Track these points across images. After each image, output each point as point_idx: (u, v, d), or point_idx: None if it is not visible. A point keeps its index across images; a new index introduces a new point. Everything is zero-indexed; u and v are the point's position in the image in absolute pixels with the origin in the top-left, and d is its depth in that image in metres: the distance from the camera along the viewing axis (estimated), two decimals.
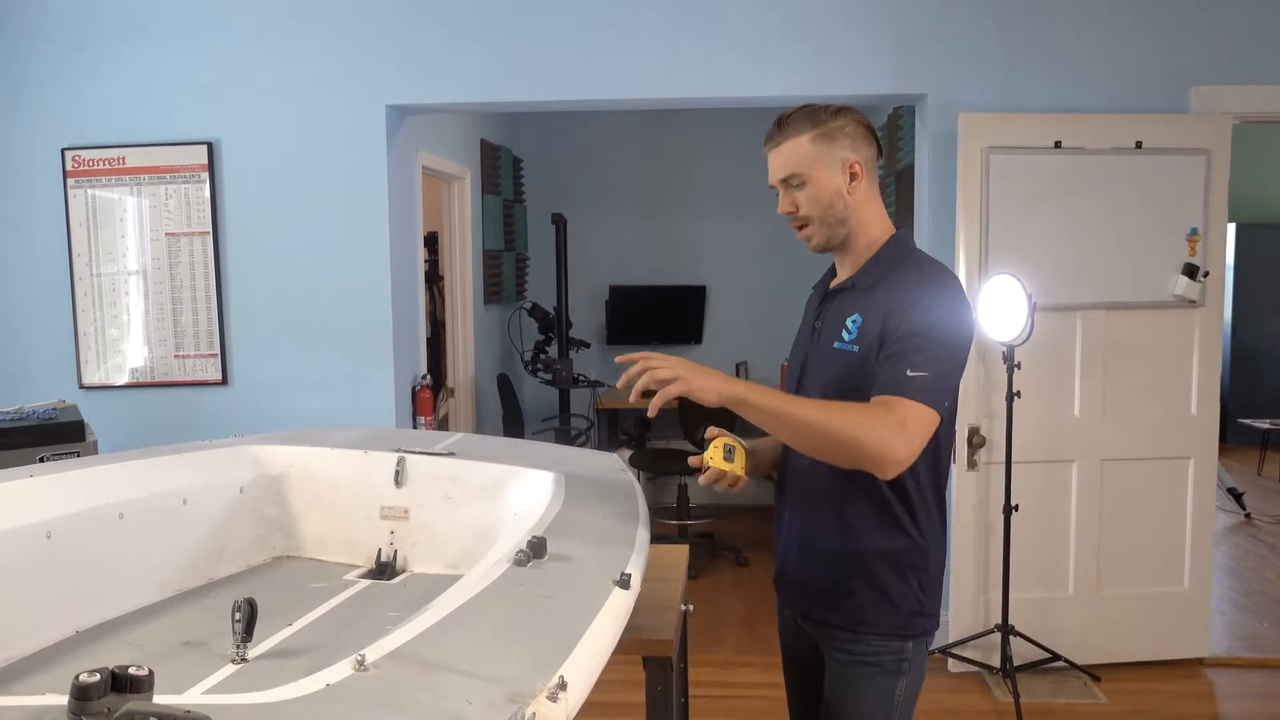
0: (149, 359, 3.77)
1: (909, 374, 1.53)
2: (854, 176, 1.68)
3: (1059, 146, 3.48)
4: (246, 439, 2.10)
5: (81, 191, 3.72)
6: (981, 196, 3.49)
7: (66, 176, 3.71)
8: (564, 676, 0.93)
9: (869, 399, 1.56)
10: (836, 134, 1.67)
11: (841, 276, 1.77)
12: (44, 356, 3.79)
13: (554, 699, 0.89)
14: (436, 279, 5.22)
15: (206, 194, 3.70)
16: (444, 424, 4.80)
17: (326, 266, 3.71)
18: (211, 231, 3.71)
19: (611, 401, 5.83)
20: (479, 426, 5.28)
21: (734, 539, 5.29)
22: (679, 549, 2.21)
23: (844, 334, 1.68)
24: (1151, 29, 3.56)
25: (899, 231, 1.75)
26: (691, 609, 1.94)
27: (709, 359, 6.08)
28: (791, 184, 1.69)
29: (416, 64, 3.66)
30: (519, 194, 6.14)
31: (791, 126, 1.68)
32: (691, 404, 1.55)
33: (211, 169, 3.69)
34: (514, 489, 1.84)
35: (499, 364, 5.88)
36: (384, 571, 1.88)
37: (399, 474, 1.94)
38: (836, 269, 1.81)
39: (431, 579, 1.83)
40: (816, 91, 3.46)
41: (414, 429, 3.86)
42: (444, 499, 1.91)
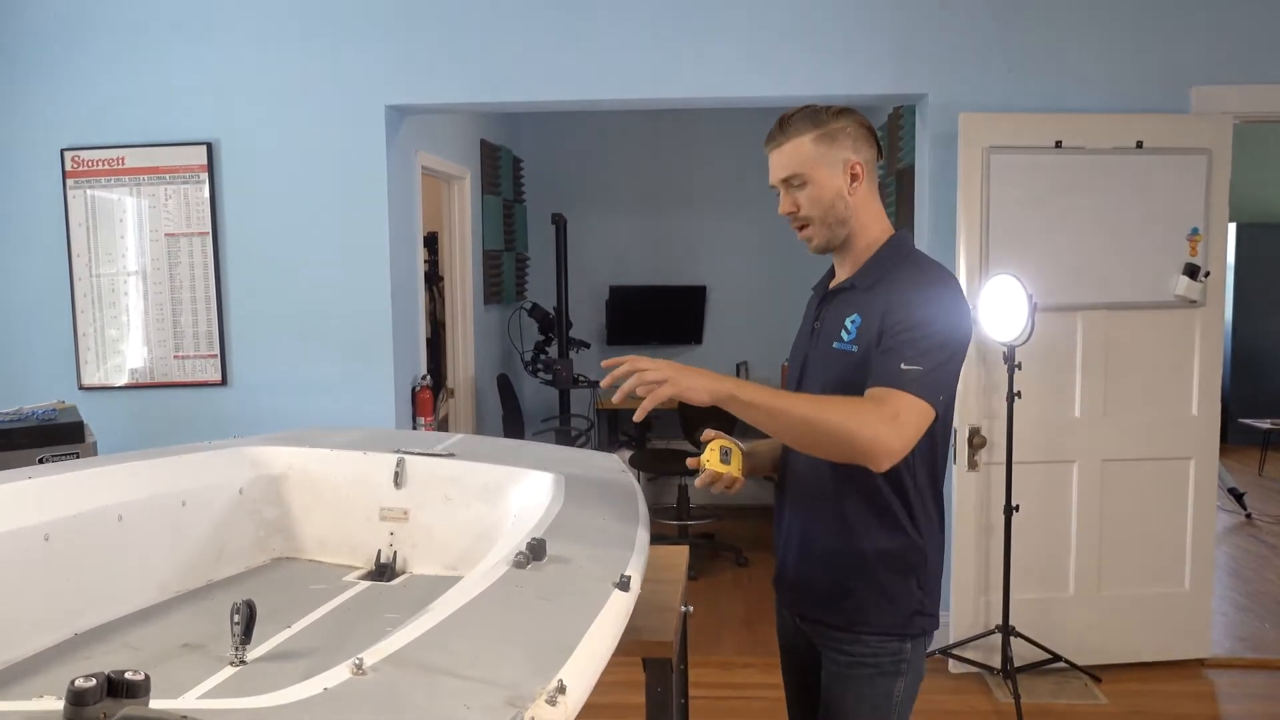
0: (148, 360, 3.77)
1: (903, 367, 1.54)
2: (855, 177, 1.69)
3: (1059, 146, 3.47)
4: (246, 440, 2.10)
5: (81, 192, 3.71)
6: (982, 196, 3.48)
7: (66, 177, 3.71)
8: (563, 680, 0.93)
9: None
10: (838, 135, 1.67)
11: (841, 277, 1.77)
12: (43, 357, 3.79)
13: (553, 703, 0.89)
14: (436, 279, 5.21)
15: (206, 194, 3.69)
16: (444, 425, 4.80)
17: (326, 267, 3.71)
18: (211, 232, 3.71)
19: (611, 402, 5.82)
20: (479, 427, 5.28)
21: (734, 539, 5.29)
22: (679, 550, 2.20)
23: (843, 334, 1.69)
24: (1151, 29, 3.56)
25: (898, 232, 1.76)
26: (691, 610, 1.93)
27: (709, 359, 6.10)
28: (793, 184, 1.70)
29: (416, 64, 3.66)
30: (519, 194, 6.14)
31: (793, 127, 1.68)
32: (691, 405, 1.55)
33: (211, 169, 3.69)
34: (514, 490, 1.84)
35: (499, 364, 5.88)
36: (383, 573, 1.87)
37: (399, 475, 1.94)
38: (836, 270, 1.81)
39: (431, 580, 1.82)
40: (816, 91, 3.46)
41: (414, 430, 3.86)
42: (444, 500, 1.90)
